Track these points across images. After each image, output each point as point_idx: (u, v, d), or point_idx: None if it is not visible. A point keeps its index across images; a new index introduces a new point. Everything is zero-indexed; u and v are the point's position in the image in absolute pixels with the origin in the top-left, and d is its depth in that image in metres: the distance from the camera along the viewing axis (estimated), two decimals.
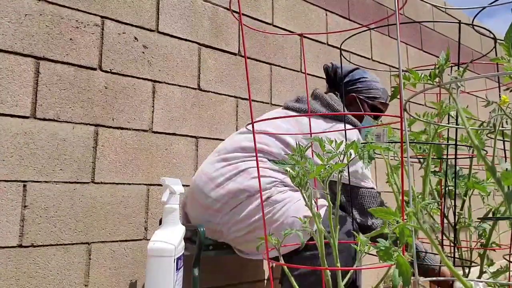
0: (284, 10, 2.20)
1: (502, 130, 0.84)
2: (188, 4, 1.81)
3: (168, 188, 1.12)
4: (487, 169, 0.64)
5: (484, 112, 2.57)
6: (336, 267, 0.79)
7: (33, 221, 1.33)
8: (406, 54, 2.89)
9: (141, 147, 1.59)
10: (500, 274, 1.16)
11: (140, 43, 1.64)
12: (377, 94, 1.54)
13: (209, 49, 1.85)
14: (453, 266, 0.65)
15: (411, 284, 0.65)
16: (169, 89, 1.70)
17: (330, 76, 1.59)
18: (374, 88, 1.54)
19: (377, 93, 1.54)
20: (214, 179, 1.33)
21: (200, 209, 1.37)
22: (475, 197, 1.46)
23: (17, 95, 1.34)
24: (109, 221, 1.48)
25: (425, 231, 0.62)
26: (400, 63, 0.66)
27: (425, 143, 1.14)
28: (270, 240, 0.82)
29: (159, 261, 1.00)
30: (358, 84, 1.53)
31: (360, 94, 1.52)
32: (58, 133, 1.41)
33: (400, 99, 0.69)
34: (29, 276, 1.31)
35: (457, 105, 0.67)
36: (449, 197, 1.34)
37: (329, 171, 0.76)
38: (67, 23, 1.47)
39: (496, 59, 0.74)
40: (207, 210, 1.34)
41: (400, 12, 2.77)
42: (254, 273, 1.87)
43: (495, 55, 1.06)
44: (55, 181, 1.38)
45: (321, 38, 2.34)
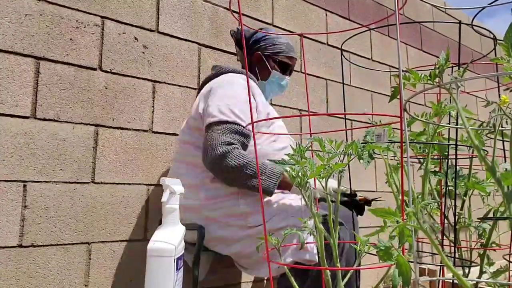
0: (284, 10, 2.20)
1: (502, 130, 0.84)
2: (188, 4, 1.81)
3: (168, 188, 1.12)
4: (487, 169, 0.64)
5: (484, 112, 2.57)
6: (336, 267, 0.79)
7: (33, 221, 1.33)
8: (406, 54, 2.89)
9: (141, 147, 1.59)
10: (500, 274, 1.16)
11: (140, 43, 1.64)
12: (281, 48, 1.56)
13: (209, 49, 1.85)
14: (453, 266, 0.65)
15: (411, 284, 0.65)
16: (169, 89, 1.70)
17: (237, 40, 1.62)
18: (277, 43, 1.56)
19: (281, 48, 1.56)
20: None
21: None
22: (475, 197, 1.46)
23: (17, 95, 1.34)
24: (109, 221, 1.48)
25: (425, 231, 0.62)
26: (400, 63, 0.66)
27: (425, 143, 1.14)
28: (270, 240, 0.83)
29: (159, 261, 1.00)
30: (262, 42, 1.57)
31: (265, 51, 1.56)
32: (58, 133, 1.41)
33: (400, 99, 0.69)
34: (29, 276, 1.31)
35: (457, 105, 0.67)
36: (449, 197, 1.34)
37: (329, 171, 0.76)
38: (67, 23, 1.47)
39: (496, 59, 0.74)
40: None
41: (400, 12, 2.77)
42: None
43: (494, 56, 1.06)
44: (55, 181, 1.38)
45: (321, 38, 2.34)
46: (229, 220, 1.29)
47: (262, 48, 1.56)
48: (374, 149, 0.92)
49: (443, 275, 1.30)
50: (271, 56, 1.55)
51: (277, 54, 1.56)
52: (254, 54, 1.56)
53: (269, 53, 1.55)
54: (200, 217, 1.31)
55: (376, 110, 2.60)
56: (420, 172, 1.20)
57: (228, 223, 1.30)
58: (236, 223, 1.29)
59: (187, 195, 1.32)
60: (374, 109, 2.59)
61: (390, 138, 1.13)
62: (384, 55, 2.72)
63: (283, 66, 1.56)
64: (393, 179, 1.13)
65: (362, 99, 2.53)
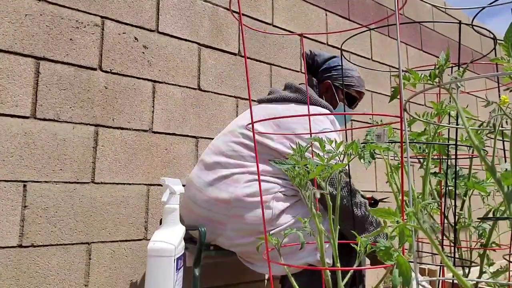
0: (284, 10, 2.20)
1: (502, 130, 0.84)
2: (188, 4, 1.81)
3: (168, 188, 1.12)
4: (487, 169, 0.64)
5: (484, 112, 2.57)
6: (336, 267, 0.79)
7: (33, 221, 1.33)
8: (406, 54, 2.89)
9: (141, 147, 1.59)
10: (500, 274, 1.16)
11: (140, 43, 1.64)
12: (352, 82, 1.56)
13: (209, 49, 1.85)
14: (453, 266, 0.65)
15: (411, 284, 0.65)
16: (169, 89, 1.70)
17: (308, 63, 1.61)
18: (349, 76, 1.56)
19: (352, 81, 1.56)
20: (201, 189, 1.33)
21: (194, 217, 1.37)
22: (475, 197, 1.46)
23: (17, 95, 1.34)
24: (109, 221, 1.48)
25: (425, 231, 0.62)
26: (400, 63, 0.66)
27: (425, 143, 1.14)
28: (270, 240, 0.82)
29: (159, 261, 1.00)
30: (334, 71, 1.56)
31: (335, 81, 1.55)
32: (58, 133, 1.41)
33: (400, 99, 0.69)
34: (29, 276, 1.31)
35: (457, 105, 0.67)
36: (449, 197, 1.34)
37: (329, 171, 0.76)
38: (67, 23, 1.47)
39: (496, 59, 0.74)
40: (200, 218, 1.34)
41: (400, 12, 2.77)
42: (254, 273, 1.87)
43: (495, 56, 1.06)
44: (55, 181, 1.38)
45: (321, 38, 2.34)
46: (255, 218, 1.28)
47: (333, 78, 1.55)
48: (375, 149, 0.92)
49: (443, 275, 1.29)
50: (340, 88, 1.55)
51: (348, 87, 1.55)
52: (324, 82, 1.55)
53: (339, 84, 1.55)
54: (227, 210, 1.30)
55: (376, 110, 2.60)
56: (420, 172, 1.20)
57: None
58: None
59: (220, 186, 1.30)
60: (374, 109, 2.59)
61: (390, 138, 1.12)
62: (384, 55, 2.72)
63: (351, 99, 1.56)
64: (394, 179, 1.13)
65: (362, 99, 2.52)
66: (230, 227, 1.29)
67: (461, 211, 1.38)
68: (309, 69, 1.61)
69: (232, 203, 1.27)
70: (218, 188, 1.29)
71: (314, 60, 1.59)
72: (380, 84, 2.67)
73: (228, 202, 1.28)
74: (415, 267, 0.64)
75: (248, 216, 1.27)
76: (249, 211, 1.27)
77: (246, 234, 1.27)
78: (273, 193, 1.28)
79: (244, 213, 1.27)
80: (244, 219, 1.27)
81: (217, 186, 1.29)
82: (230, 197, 1.27)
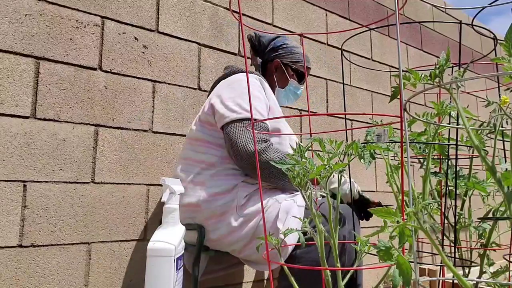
0: (284, 10, 2.20)
1: (502, 130, 0.84)
2: (188, 4, 1.81)
3: (168, 188, 1.12)
4: (487, 169, 0.64)
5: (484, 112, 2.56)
6: (336, 267, 0.79)
7: (33, 221, 1.33)
8: (406, 54, 2.89)
9: (141, 147, 1.59)
10: (500, 274, 1.17)
11: (140, 43, 1.64)
12: (299, 58, 1.59)
13: (209, 49, 1.85)
14: (453, 266, 0.65)
15: (411, 284, 0.65)
16: (169, 89, 1.70)
17: (255, 46, 1.63)
18: (295, 53, 1.59)
19: (299, 57, 1.59)
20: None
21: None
22: (475, 197, 1.46)
23: (17, 95, 1.34)
24: (109, 221, 1.48)
25: (425, 231, 0.62)
26: (400, 63, 0.66)
27: (426, 143, 1.14)
28: (270, 240, 0.82)
29: (159, 261, 1.00)
30: (280, 50, 1.59)
31: (283, 59, 1.58)
32: (58, 133, 1.41)
33: (400, 99, 0.69)
34: (29, 276, 1.31)
35: (458, 105, 0.67)
36: (449, 197, 1.34)
37: (329, 171, 0.76)
38: (67, 23, 1.47)
39: (496, 59, 0.74)
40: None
41: (400, 12, 2.77)
42: (254, 273, 1.87)
43: (495, 55, 1.06)
44: (55, 181, 1.38)
45: (321, 38, 2.34)
46: (226, 215, 1.29)
47: (280, 56, 1.58)
48: (375, 149, 0.92)
49: (443, 275, 1.29)
50: (289, 65, 1.58)
51: (295, 63, 1.59)
52: (273, 61, 1.59)
53: (288, 62, 1.58)
54: (201, 215, 1.31)
55: (377, 110, 2.60)
56: (420, 172, 1.20)
57: (225, 217, 1.29)
58: (233, 216, 1.28)
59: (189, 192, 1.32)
60: (374, 109, 2.59)
61: (390, 138, 1.12)
62: (384, 55, 2.72)
63: (300, 75, 1.60)
64: (394, 179, 1.13)
65: (362, 99, 2.53)
66: (208, 229, 1.31)
67: (461, 211, 1.38)
68: (256, 50, 1.63)
69: (201, 205, 1.30)
70: (187, 194, 1.32)
71: (260, 41, 1.61)
72: (380, 84, 2.67)
73: (198, 205, 1.31)
74: (415, 267, 0.64)
75: (218, 214, 1.29)
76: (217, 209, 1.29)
77: (224, 232, 1.29)
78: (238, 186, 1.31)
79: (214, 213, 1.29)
80: (215, 219, 1.29)
81: (187, 192, 1.32)
82: (198, 200, 1.30)
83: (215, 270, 1.56)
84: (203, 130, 1.40)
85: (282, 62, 1.57)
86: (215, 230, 1.30)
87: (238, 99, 1.34)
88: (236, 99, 1.34)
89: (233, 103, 1.33)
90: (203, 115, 1.42)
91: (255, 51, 1.63)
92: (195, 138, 1.41)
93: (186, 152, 1.42)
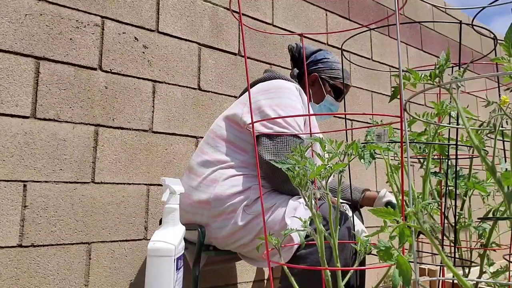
0: (284, 10, 2.20)
1: (502, 130, 0.84)
2: (188, 4, 1.81)
3: (168, 188, 1.12)
4: (487, 169, 0.64)
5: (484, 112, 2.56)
6: (336, 267, 0.79)
7: (33, 221, 1.33)
8: (406, 54, 2.89)
9: (141, 147, 1.59)
10: (500, 274, 1.17)
11: (140, 43, 1.64)
12: (338, 74, 1.57)
13: (209, 49, 1.85)
14: (453, 266, 0.65)
15: (411, 284, 0.65)
16: (169, 89, 1.70)
17: (294, 56, 1.62)
18: (335, 68, 1.58)
19: (338, 74, 1.58)
20: (187, 194, 1.33)
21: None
22: (475, 197, 1.46)
23: (17, 95, 1.34)
24: (109, 221, 1.48)
25: (425, 231, 0.62)
26: (400, 63, 0.66)
27: (426, 143, 1.14)
28: (270, 240, 0.82)
29: (159, 261, 1.00)
30: (320, 64, 1.57)
31: (321, 74, 1.57)
32: (58, 133, 1.41)
33: (400, 99, 0.69)
34: (29, 276, 1.31)
35: (458, 105, 0.67)
36: (449, 197, 1.34)
37: (330, 171, 0.76)
38: (67, 23, 1.47)
39: (496, 59, 0.74)
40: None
41: (400, 12, 2.77)
42: (254, 273, 1.87)
43: (495, 55, 1.06)
44: (55, 181, 1.38)
45: (321, 38, 2.34)
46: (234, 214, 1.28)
47: (319, 70, 1.56)
48: (375, 149, 0.92)
49: (443, 275, 1.30)
50: (327, 80, 1.56)
51: (335, 79, 1.57)
52: (310, 75, 1.57)
53: (326, 77, 1.56)
54: (208, 213, 1.30)
55: (377, 110, 2.60)
56: (420, 172, 1.20)
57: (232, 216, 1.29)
58: (240, 214, 1.28)
59: (201, 188, 1.30)
60: (375, 109, 2.59)
61: (390, 138, 1.12)
62: (384, 55, 2.72)
63: (337, 92, 1.58)
64: (394, 179, 1.13)
65: (362, 99, 2.53)
66: (214, 226, 1.30)
67: (461, 211, 1.38)
68: (296, 61, 1.61)
69: (212, 203, 1.28)
70: (199, 190, 1.30)
71: (300, 52, 1.60)
72: (380, 84, 2.67)
73: (208, 203, 1.28)
74: (415, 267, 0.64)
75: (227, 213, 1.28)
76: (228, 208, 1.27)
77: (230, 230, 1.28)
78: (252, 188, 1.29)
79: (223, 211, 1.28)
80: (223, 217, 1.28)
81: (199, 188, 1.30)
82: (209, 197, 1.28)
83: (213, 262, 1.56)
84: (230, 129, 1.36)
85: (320, 77, 1.55)
86: (221, 228, 1.29)
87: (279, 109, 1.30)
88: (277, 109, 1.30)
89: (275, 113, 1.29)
90: (231, 114, 1.37)
91: (295, 61, 1.61)
92: (219, 135, 1.37)
93: (206, 147, 1.38)
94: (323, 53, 1.59)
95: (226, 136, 1.36)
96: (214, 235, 1.31)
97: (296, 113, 1.32)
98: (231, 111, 1.39)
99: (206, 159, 1.35)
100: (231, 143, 1.35)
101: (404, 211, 0.67)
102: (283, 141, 1.28)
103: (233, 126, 1.36)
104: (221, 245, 1.34)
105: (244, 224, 1.26)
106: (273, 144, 1.27)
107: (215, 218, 1.29)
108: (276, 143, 1.28)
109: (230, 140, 1.35)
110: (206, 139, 1.41)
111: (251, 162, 1.33)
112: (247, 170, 1.33)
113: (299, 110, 1.34)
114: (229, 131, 1.36)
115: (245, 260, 1.39)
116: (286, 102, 1.32)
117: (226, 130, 1.37)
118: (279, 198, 1.29)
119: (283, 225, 1.21)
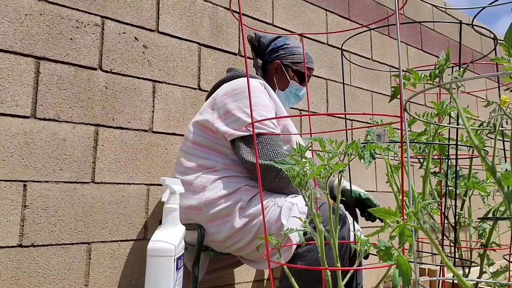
0: (284, 10, 2.20)
1: (502, 130, 0.84)
2: (188, 4, 1.81)
3: (168, 188, 1.12)
4: (487, 169, 0.64)
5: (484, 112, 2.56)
6: (336, 267, 0.79)
7: (33, 221, 1.33)
8: (406, 54, 2.89)
9: (141, 147, 1.59)
10: (500, 274, 1.17)
11: (140, 43, 1.64)
12: (300, 58, 1.55)
13: (209, 49, 1.85)
14: (453, 266, 0.65)
15: (411, 284, 0.65)
16: (169, 89, 1.70)
17: (254, 46, 1.61)
18: (296, 53, 1.55)
19: (301, 58, 1.55)
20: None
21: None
22: (475, 197, 1.46)
23: (17, 95, 1.34)
24: (109, 221, 1.48)
25: (425, 231, 0.62)
26: (400, 63, 0.66)
27: (426, 143, 1.14)
28: (270, 240, 0.83)
29: (159, 261, 1.00)
30: (281, 50, 1.55)
31: (284, 60, 1.55)
32: (58, 133, 1.41)
33: (400, 99, 0.69)
34: (29, 276, 1.31)
35: (458, 105, 0.67)
36: (449, 197, 1.34)
37: (329, 171, 0.76)
38: (67, 23, 1.47)
39: (496, 59, 0.74)
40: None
41: (400, 12, 2.77)
42: (254, 273, 1.87)
43: (495, 55, 1.06)
44: (55, 181, 1.38)
45: (321, 38, 2.34)
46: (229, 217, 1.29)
47: (281, 57, 1.55)
48: (375, 149, 0.92)
49: (443, 275, 1.30)
50: (290, 66, 1.54)
51: (297, 64, 1.55)
52: (273, 63, 1.55)
53: (288, 63, 1.54)
54: (201, 218, 1.31)
55: (377, 110, 2.60)
56: (420, 172, 1.20)
57: (228, 219, 1.29)
58: (236, 217, 1.28)
59: (187, 195, 1.32)
60: (375, 109, 2.59)
61: (390, 138, 1.12)
62: (384, 55, 2.72)
63: (301, 76, 1.56)
64: (394, 179, 1.13)
65: (362, 99, 2.53)
66: (209, 231, 1.30)
67: (461, 211, 1.38)
68: (257, 51, 1.60)
69: (203, 208, 1.29)
70: (187, 197, 1.31)
71: (260, 42, 1.58)
72: (380, 84, 2.67)
73: (200, 208, 1.30)
74: (415, 267, 0.64)
75: (222, 216, 1.29)
76: (222, 211, 1.28)
77: (228, 234, 1.28)
78: (242, 189, 1.30)
79: (218, 215, 1.29)
80: (218, 221, 1.29)
81: (187, 195, 1.31)
82: (199, 203, 1.30)
83: (216, 269, 1.56)
84: (204, 135, 1.37)
85: (283, 63, 1.54)
86: (218, 233, 1.29)
87: (248, 110, 1.31)
88: (247, 110, 1.31)
89: (245, 115, 1.31)
90: (202, 119, 1.39)
91: (256, 52, 1.60)
92: (195, 141, 1.38)
93: (185, 155, 1.39)
94: (282, 40, 1.58)
95: (202, 142, 1.38)
96: (211, 238, 1.31)
97: (267, 109, 1.33)
98: (201, 116, 1.40)
99: (187, 167, 1.36)
100: (209, 147, 1.37)
101: (404, 211, 0.67)
102: (262, 142, 1.29)
103: (206, 132, 1.38)
104: (219, 248, 1.35)
105: (241, 227, 1.27)
106: (253, 146, 1.28)
107: (209, 223, 1.30)
108: (258, 144, 1.29)
109: (207, 145, 1.37)
110: (183, 147, 1.43)
111: (232, 164, 1.34)
112: (232, 171, 1.34)
113: (269, 105, 1.35)
114: (203, 136, 1.38)
115: (245, 262, 1.39)
116: (254, 101, 1.32)
117: (200, 136, 1.38)
118: (271, 199, 1.29)
119: (279, 225, 1.22)
